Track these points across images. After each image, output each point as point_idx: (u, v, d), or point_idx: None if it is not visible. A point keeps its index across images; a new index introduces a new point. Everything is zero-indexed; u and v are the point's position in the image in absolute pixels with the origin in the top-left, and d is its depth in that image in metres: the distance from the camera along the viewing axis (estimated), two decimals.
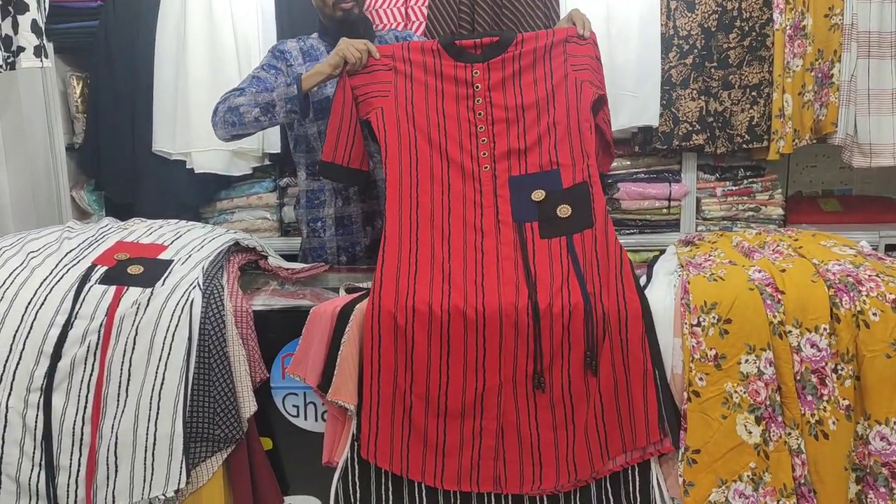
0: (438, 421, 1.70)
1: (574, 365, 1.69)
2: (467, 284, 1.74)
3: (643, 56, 2.50)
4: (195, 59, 2.56)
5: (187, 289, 1.77)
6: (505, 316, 1.69)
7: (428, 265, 1.78)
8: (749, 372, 1.63)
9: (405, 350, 1.70)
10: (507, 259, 1.80)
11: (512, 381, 1.70)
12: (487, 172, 1.90)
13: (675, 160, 2.67)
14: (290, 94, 1.99)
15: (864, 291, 1.65)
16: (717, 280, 1.72)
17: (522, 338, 1.69)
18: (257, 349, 1.81)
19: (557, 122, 1.91)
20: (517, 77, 1.95)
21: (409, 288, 1.73)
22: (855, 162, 2.53)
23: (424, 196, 1.86)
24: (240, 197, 2.82)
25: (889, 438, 1.59)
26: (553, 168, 1.89)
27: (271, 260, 2.13)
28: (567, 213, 1.84)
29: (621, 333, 1.69)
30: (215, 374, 1.72)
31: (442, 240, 1.82)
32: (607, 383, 1.68)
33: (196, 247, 1.94)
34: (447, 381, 1.70)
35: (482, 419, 1.70)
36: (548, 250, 1.80)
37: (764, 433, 1.61)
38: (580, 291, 1.71)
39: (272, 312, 1.88)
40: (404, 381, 1.70)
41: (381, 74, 1.96)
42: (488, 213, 1.86)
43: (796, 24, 2.46)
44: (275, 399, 1.88)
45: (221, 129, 2.09)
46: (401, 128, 1.91)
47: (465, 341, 1.69)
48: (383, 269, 1.76)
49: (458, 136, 1.92)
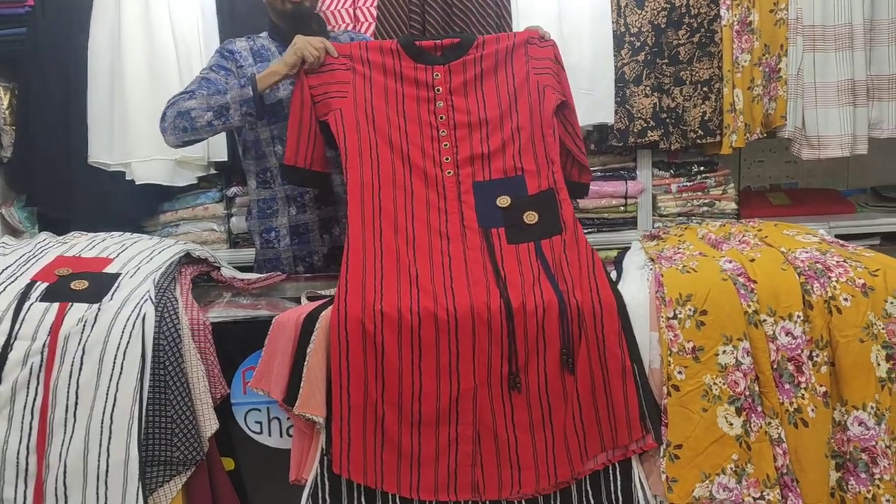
0: (413, 429, 1.63)
1: (550, 364, 1.64)
2: (436, 287, 1.68)
3: (596, 54, 2.49)
4: (132, 63, 2.44)
5: (138, 303, 1.65)
6: (477, 316, 1.63)
7: (394, 270, 1.71)
8: (727, 363, 1.61)
9: (375, 357, 1.62)
10: (475, 262, 1.75)
11: (487, 383, 1.64)
12: (451, 178, 1.86)
13: (630, 158, 2.67)
14: (244, 95, 1.91)
15: (834, 277, 1.65)
16: (689, 272, 1.70)
17: (496, 338, 1.63)
18: (217, 364, 1.72)
19: (521, 128, 1.88)
20: (479, 80, 1.91)
21: (377, 292, 1.66)
22: (804, 154, 2.57)
23: (387, 200, 1.80)
24: (185, 208, 2.69)
25: (867, 423, 1.59)
26: (518, 174, 1.86)
27: (224, 271, 2.03)
28: (534, 220, 1.81)
29: (597, 329, 1.65)
30: (172, 393, 1.62)
31: (407, 244, 1.76)
32: (585, 381, 1.64)
33: (144, 259, 1.83)
34: (420, 387, 1.63)
35: (458, 425, 1.63)
36: (516, 255, 1.77)
37: (745, 424, 1.59)
38: (553, 289, 1.67)
39: (230, 324, 1.78)
40: (375, 390, 1.62)
41: (339, 74, 1.90)
42: (453, 219, 1.82)
43: (743, 20, 2.48)
44: (236, 416, 1.78)
45: (172, 135, 1.98)
46: (360, 130, 1.85)
47: (437, 344, 1.63)
48: (348, 275, 1.69)
49: (419, 139, 1.87)
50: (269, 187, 2.19)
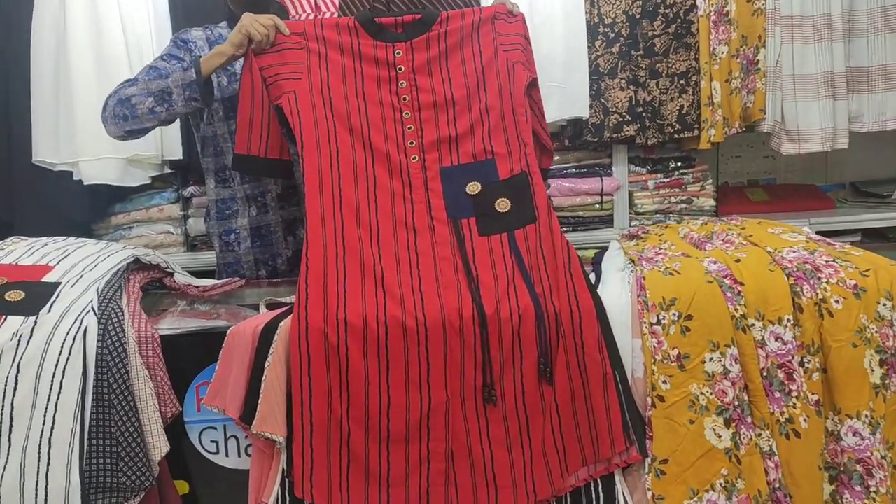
0: (381, 447, 1.51)
1: (527, 374, 1.54)
2: (403, 290, 1.57)
3: (570, 45, 2.39)
4: (78, 56, 2.29)
5: (79, 315, 1.52)
6: (449, 324, 1.52)
7: (358, 270, 1.59)
8: (714, 371, 1.52)
9: (339, 370, 1.50)
10: (444, 260, 1.64)
11: (460, 396, 1.53)
12: (416, 163, 1.73)
13: (605, 153, 2.57)
14: (187, 79, 1.77)
15: (824, 278, 1.57)
16: (673, 274, 1.61)
17: (469, 348, 1.52)
18: (167, 380, 1.58)
19: (490, 108, 1.77)
20: (443, 58, 1.79)
21: (339, 299, 1.54)
22: (784, 149, 2.50)
23: (348, 190, 1.67)
24: (138, 210, 2.55)
25: (861, 433, 1.51)
26: (488, 158, 1.75)
27: (178, 277, 1.89)
28: (506, 208, 1.70)
29: (575, 336, 1.55)
30: (117, 413, 1.48)
31: (371, 240, 1.64)
32: (564, 391, 1.54)
33: (88, 266, 1.69)
34: (388, 402, 1.51)
35: (429, 441, 1.52)
36: (488, 249, 1.66)
37: (734, 436, 1.50)
38: (528, 293, 1.57)
39: (182, 336, 1.65)
40: (340, 406, 1.50)
41: (291, 54, 1.76)
42: (420, 209, 1.70)
43: (720, 10, 2.40)
44: (190, 435, 1.65)
45: (112, 124, 1.84)
46: (317, 114, 1.71)
47: (406, 355, 1.52)
48: (308, 278, 1.56)
49: (381, 123, 1.74)
50: (229, 186, 2.06)
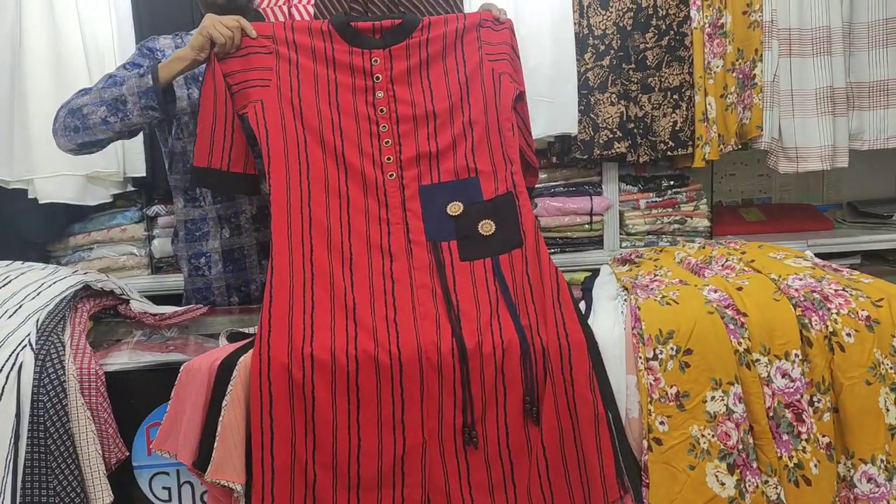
0: (350, 494, 1.38)
1: (511, 413, 1.42)
2: (377, 322, 1.44)
3: (558, 58, 2.27)
4: (33, 67, 2.15)
5: (14, 349, 1.38)
6: (426, 359, 1.40)
7: (328, 299, 1.46)
8: (716, 411, 1.39)
9: (304, 410, 1.37)
10: (422, 287, 1.52)
11: (438, 437, 1.41)
12: (393, 181, 1.62)
13: (594, 171, 2.45)
14: (143, 85, 1.63)
15: (834, 309, 1.45)
16: (670, 303, 1.48)
17: (448, 385, 1.40)
18: (112, 422, 1.44)
19: (474, 122, 1.65)
20: (424, 67, 1.67)
21: (306, 332, 1.41)
22: (781, 167, 2.38)
23: (319, 210, 1.55)
24: (98, 230, 2.40)
25: (877, 479, 1.38)
26: (471, 176, 1.63)
27: (134, 304, 1.75)
28: (490, 231, 1.59)
29: (564, 372, 1.42)
30: (55, 460, 1.34)
31: (343, 265, 1.52)
32: (552, 432, 1.41)
33: (30, 294, 1.55)
34: (358, 445, 1.38)
35: (404, 487, 1.40)
36: (470, 275, 1.54)
37: (738, 484, 1.37)
38: (513, 325, 1.45)
39: (133, 372, 1.51)
40: (304, 449, 1.37)
41: (259, 59, 1.63)
42: (397, 231, 1.59)
43: (715, 22, 2.29)
44: (139, 482, 1.52)
45: (62, 136, 1.71)
46: (286, 126, 1.59)
47: (379, 393, 1.39)
48: (272, 307, 1.43)
49: (356, 136, 1.63)
50: (199, 206, 1.93)
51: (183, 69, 1.65)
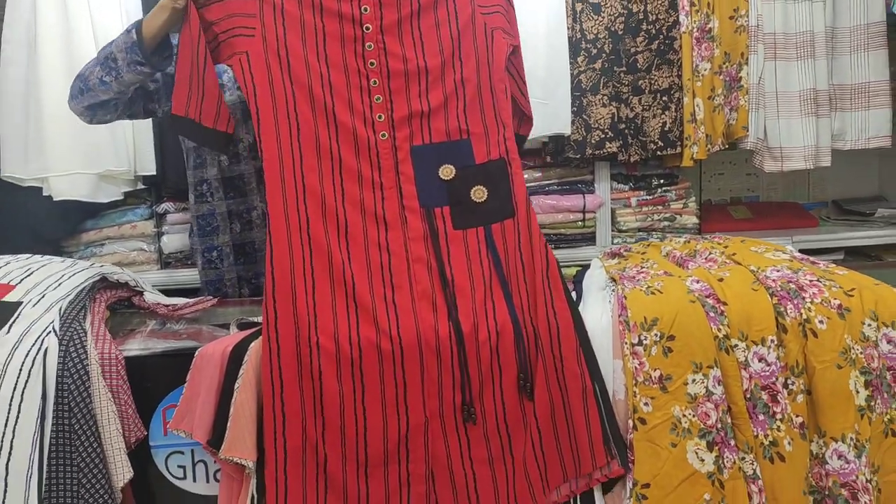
0: (359, 471, 1.46)
1: (507, 390, 1.50)
2: (376, 303, 1.48)
3: (552, 62, 2.36)
4: (48, 69, 2.23)
5: (39, 336, 1.46)
6: (425, 343, 1.46)
7: (327, 277, 1.48)
8: (697, 393, 1.48)
9: (312, 393, 1.45)
10: (418, 262, 1.52)
11: (439, 416, 1.48)
12: (385, 142, 1.54)
13: (587, 170, 2.54)
14: (128, 41, 1.59)
15: (808, 298, 1.54)
16: (655, 293, 1.57)
17: (447, 366, 1.47)
18: (131, 403, 1.52)
19: (466, 80, 1.57)
20: (415, 19, 1.57)
21: (310, 317, 1.46)
22: (766, 167, 2.48)
23: (311, 176, 1.49)
24: (110, 227, 2.49)
25: (847, 456, 1.47)
26: (463, 137, 1.57)
27: (147, 296, 1.84)
28: (482, 197, 1.55)
29: (553, 349, 1.50)
30: (78, 438, 1.42)
31: (339, 236, 1.49)
32: (544, 406, 1.50)
33: (52, 285, 1.63)
34: (364, 426, 1.45)
35: (409, 463, 1.47)
36: (464, 245, 1.54)
37: (717, 460, 1.46)
38: (506, 307, 1.51)
39: (150, 358, 1.59)
40: (315, 430, 1.45)
41: (240, 4, 1.52)
42: (391, 197, 1.53)
43: (703, 27, 2.39)
44: (156, 460, 1.59)
45: (72, 100, 1.72)
46: (273, 81, 1.50)
47: (382, 377, 1.46)
48: (276, 291, 1.46)
49: (346, 92, 1.53)
50: (207, 202, 2.01)
51: (165, 21, 1.57)
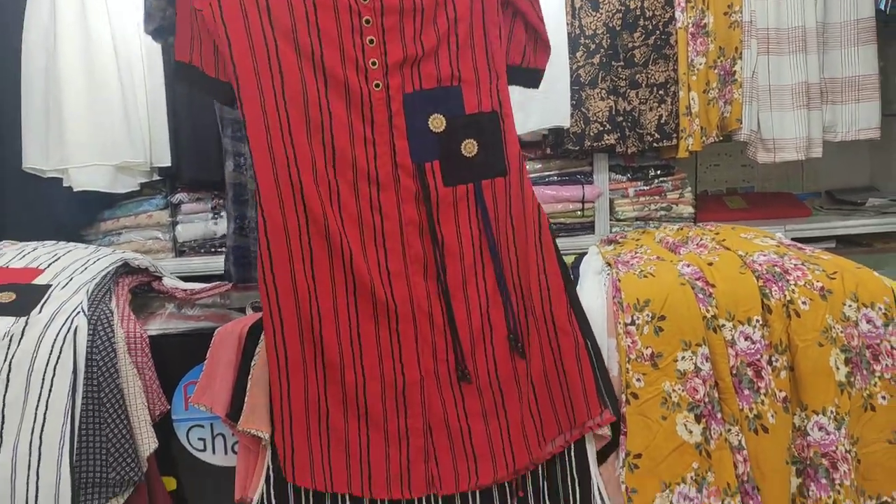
0: (360, 425, 1.49)
1: (499, 351, 1.52)
2: (371, 273, 1.44)
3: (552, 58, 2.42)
4: (67, 64, 2.30)
5: (69, 315, 1.56)
6: (417, 307, 1.46)
7: (324, 246, 1.42)
8: (686, 369, 1.57)
9: (314, 355, 1.48)
10: (410, 224, 1.45)
11: (434, 374, 1.49)
12: (379, 93, 1.39)
13: (586, 161, 2.63)
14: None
15: (792, 280, 1.63)
16: (647, 277, 1.66)
17: (439, 329, 1.48)
18: (155, 379, 1.62)
19: (460, 20, 1.43)
20: None
21: (310, 290, 1.44)
22: (759, 158, 2.56)
23: (300, 133, 1.37)
24: (127, 216, 2.58)
25: (827, 428, 1.56)
26: (454, 84, 1.44)
27: (166, 281, 1.93)
28: (473, 151, 1.45)
29: (545, 310, 1.56)
30: (107, 410, 1.52)
31: (332, 200, 1.41)
32: (537, 364, 1.55)
33: (78, 269, 1.73)
34: (364, 382, 1.48)
35: (407, 418, 1.50)
36: (453, 203, 1.46)
37: (704, 432, 1.55)
38: (494, 273, 1.49)
39: (170, 337, 1.69)
40: (317, 387, 1.49)
41: None
42: (383, 154, 1.42)
43: (698, 23, 2.47)
44: (177, 433, 1.69)
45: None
46: (251, 27, 1.35)
47: (378, 339, 1.47)
48: (273, 266, 1.42)
49: (336, 33, 1.37)
50: (242, 174, 2.09)
51: None
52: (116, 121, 2.33)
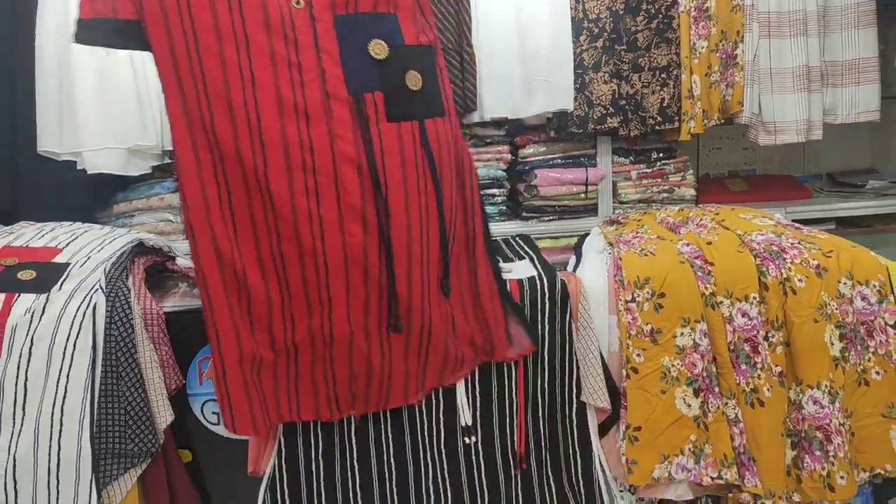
0: (289, 363, 1.48)
1: (434, 302, 1.46)
2: (298, 218, 1.31)
3: (556, 42, 2.47)
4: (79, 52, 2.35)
5: (88, 292, 1.61)
6: (352, 262, 1.35)
7: (243, 188, 1.31)
8: (685, 345, 1.62)
9: (241, 304, 1.43)
10: (347, 162, 1.30)
11: (363, 328, 1.42)
12: (301, 12, 1.27)
13: (589, 144, 2.67)
14: None
15: (789, 259, 1.67)
16: (648, 255, 1.71)
17: (374, 283, 1.37)
18: (171, 354, 1.68)
19: None
20: None
21: (228, 231, 1.35)
22: (761, 140, 2.59)
23: (211, 59, 1.25)
24: (139, 199, 2.62)
25: (821, 402, 1.61)
26: (391, 11, 1.33)
27: (179, 261, 1.99)
28: (417, 86, 1.34)
29: (469, 257, 1.58)
30: (125, 384, 1.58)
31: (251, 138, 1.28)
32: (458, 306, 1.57)
33: (95, 248, 1.78)
34: (293, 333, 1.43)
35: (333, 366, 1.47)
36: (398, 140, 1.33)
37: (702, 405, 1.60)
38: (439, 230, 1.41)
39: (185, 314, 1.74)
40: (249, 341, 1.44)
41: None
42: (311, 80, 1.28)
43: (700, 6, 2.50)
44: (192, 407, 1.75)
45: None
46: None
47: (306, 290, 1.37)
48: (190, 215, 1.34)
49: None
50: None
51: None
52: (129, 105, 2.37)
